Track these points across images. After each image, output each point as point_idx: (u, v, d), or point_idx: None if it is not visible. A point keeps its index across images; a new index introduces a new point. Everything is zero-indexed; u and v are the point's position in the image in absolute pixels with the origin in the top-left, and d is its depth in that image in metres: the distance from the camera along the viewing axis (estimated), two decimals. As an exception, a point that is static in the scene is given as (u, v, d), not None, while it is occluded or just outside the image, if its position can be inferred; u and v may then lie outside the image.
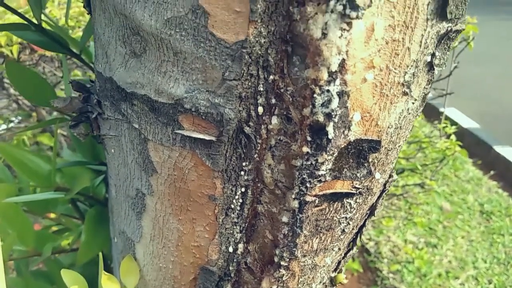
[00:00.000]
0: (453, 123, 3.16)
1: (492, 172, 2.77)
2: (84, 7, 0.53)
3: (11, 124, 1.65)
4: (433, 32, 0.30)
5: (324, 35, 0.27)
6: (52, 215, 0.89)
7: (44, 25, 0.63)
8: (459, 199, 2.59)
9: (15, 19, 1.65)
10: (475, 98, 3.58)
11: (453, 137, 1.49)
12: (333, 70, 0.28)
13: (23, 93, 0.65)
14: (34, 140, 1.35)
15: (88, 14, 0.48)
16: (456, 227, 2.34)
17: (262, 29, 0.29)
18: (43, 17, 0.62)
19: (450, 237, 2.25)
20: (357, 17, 0.26)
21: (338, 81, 0.28)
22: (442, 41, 0.30)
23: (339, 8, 0.26)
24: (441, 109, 2.40)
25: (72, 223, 0.89)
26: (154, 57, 0.34)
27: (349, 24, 0.26)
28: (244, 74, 0.31)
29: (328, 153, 0.31)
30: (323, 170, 0.32)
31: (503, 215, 2.46)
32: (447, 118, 3.12)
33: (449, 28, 0.30)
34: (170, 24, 0.31)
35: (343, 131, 0.31)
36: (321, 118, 0.30)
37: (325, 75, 0.28)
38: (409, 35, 0.29)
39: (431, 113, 3.13)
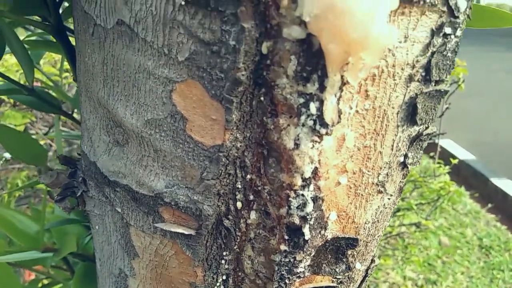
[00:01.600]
0: (449, 154, 3.17)
1: (490, 205, 2.76)
2: (74, 80, 0.54)
3: (4, 158, 1.65)
4: (404, 136, 0.30)
5: (297, 145, 0.28)
6: (42, 268, 0.88)
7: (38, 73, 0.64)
8: (457, 233, 2.57)
9: (13, 62, 1.68)
10: (470, 129, 3.61)
11: (447, 176, 1.49)
12: (307, 177, 0.29)
13: (15, 154, 0.66)
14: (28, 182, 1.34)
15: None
16: (455, 262, 2.31)
17: (238, 135, 0.30)
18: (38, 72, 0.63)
19: (449, 273, 2.22)
20: (327, 134, 0.27)
21: (312, 187, 0.29)
22: (414, 143, 0.31)
23: (310, 123, 0.27)
24: (436, 141, 2.43)
25: (62, 275, 0.88)
26: (135, 150, 0.35)
27: (320, 136, 0.27)
28: (222, 173, 0.31)
29: (305, 252, 0.31)
30: (301, 267, 0.32)
31: (503, 250, 2.43)
32: (442, 150, 3.13)
33: (420, 131, 0.31)
34: (150, 124, 0.32)
35: (320, 231, 0.31)
36: (296, 220, 0.30)
37: (299, 181, 0.29)
38: (381, 141, 0.30)
39: (427, 145, 3.14)
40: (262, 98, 0.28)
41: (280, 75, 0.26)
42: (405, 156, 0.31)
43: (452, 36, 0.27)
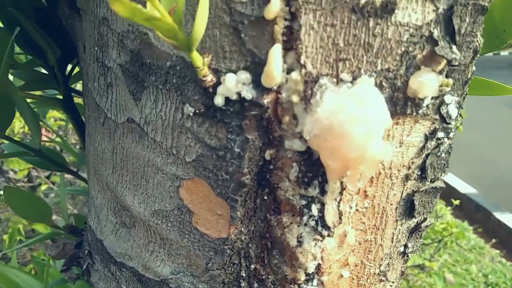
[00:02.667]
0: (450, 188, 3.16)
1: (493, 240, 2.73)
2: (80, 148, 0.56)
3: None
4: (404, 228, 0.31)
5: (300, 243, 0.29)
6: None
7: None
8: (462, 270, 2.53)
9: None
10: (471, 163, 3.61)
11: (450, 217, 1.49)
12: (310, 272, 0.29)
13: (21, 214, 0.67)
14: (30, 227, 1.34)
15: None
16: (461, 301, 2.26)
17: (242, 229, 0.31)
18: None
19: (455, 313, 2.17)
20: (329, 235, 0.28)
21: (315, 282, 0.30)
22: (413, 234, 0.32)
23: (312, 223, 0.28)
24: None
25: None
26: (142, 234, 0.36)
27: (322, 237, 0.28)
28: (227, 263, 0.32)
29: None
30: None
31: (509, 287, 2.39)
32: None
33: (418, 222, 0.32)
34: (158, 215, 0.33)
35: (323, 322, 0.31)
36: (300, 312, 0.31)
37: (302, 277, 0.30)
38: (381, 235, 0.31)
39: (428, 178, 3.14)
40: (265, 197, 0.29)
41: (283, 179, 0.28)
42: (405, 246, 0.32)
43: (445, 139, 0.29)
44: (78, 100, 0.71)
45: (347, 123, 0.23)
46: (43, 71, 0.53)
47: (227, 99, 0.26)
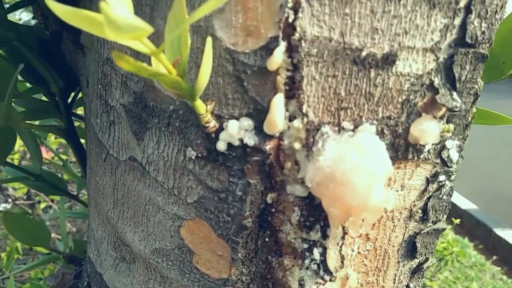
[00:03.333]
0: (451, 204, 3.15)
1: (494, 257, 2.71)
2: (81, 176, 0.56)
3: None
4: (405, 269, 0.31)
5: (301, 286, 0.29)
6: None
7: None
8: (463, 287, 2.50)
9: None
10: (470, 179, 3.61)
11: (450, 235, 1.48)
12: (311, 315, 0.29)
13: (20, 239, 0.67)
14: (28, 245, 1.33)
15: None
16: (462, 320, 2.24)
17: (243, 269, 0.31)
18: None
19: (457, 332, 2.14)
20: (331, 280, 0.27)
21: (316, 324, 0.29)
22: (415, 274, 0.32)
23: (314, 267, 0.28)
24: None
25: None
26: (142, 271, 0.36)
27: (324, 280, 0.28)
28: (228, 303, 0.32)
29: None
30: None
31: (510, 306, 2.36)
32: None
33: (420, 262, 0.32)
34: (158, 253, 0.33)
35: None
36: None
37: (303, 319, 0.29)
38: (383, 276, 0.30)
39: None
40: (267, 239, 0.29)
41: (285, 222, 0.28)
42: (407, 286, 0.32)
43: (447, 182, 0.29)
44: (78, 123, 0.71)
45: (349, 172, 0.23)
46: (44, 97, 0.53)
47: (229, 145, 0.26)
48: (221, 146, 0.26)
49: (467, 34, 0.25)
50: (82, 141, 0.62)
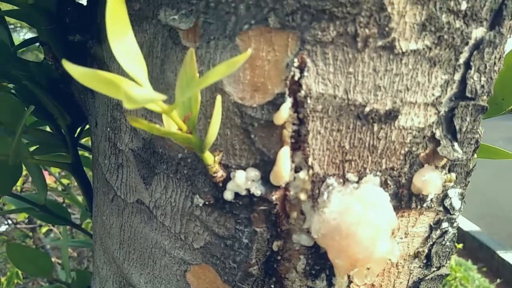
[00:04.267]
0: (454, 226, 3.12)
1: (498, 280, 2.68)
2: (86, 209, 0.56)
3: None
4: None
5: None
6: None
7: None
8: (468, 312, 2.46)
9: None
10: (473, 201, 3.59)
11: (454, 258, 1.47)
12: None
13: (23, 269, 0.67)
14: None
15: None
16: None
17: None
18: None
19: None
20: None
21: None
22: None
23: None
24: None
25: None
26: (147, 312, 0.36)
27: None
28: None
29: None
30: None
31: (516, 331, 2.32)
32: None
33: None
34: (164, 296, 0.33)
35: None
36: None
37: None
38: (388, 322, 0.31)
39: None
40: (272, 286, 0.29)
41: (290, 269, 0.28)
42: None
43: (450, 228, 0.29)
44: (82, 152, 0.72)
45: (355, 225, 0.24)
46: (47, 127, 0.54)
47: (236, 194, 0.27)
48: (228, 195, 0.27)
49: (467, 88, 0.26)
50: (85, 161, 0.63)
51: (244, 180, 0.26)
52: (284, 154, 0.25)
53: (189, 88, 0.22)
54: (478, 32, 0.25)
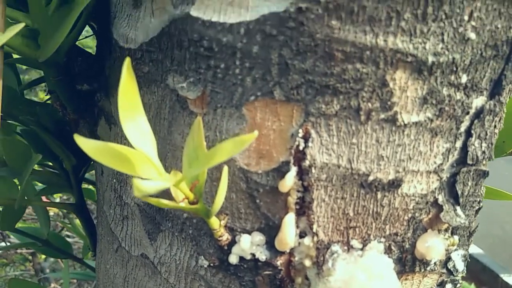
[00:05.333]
0: (456, 248, 3.09)
1: (503, 305, 2.63)
2: (89, 249, 0.56)
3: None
4: None
5: None
6: None
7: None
8: (472, 338, 2.42)
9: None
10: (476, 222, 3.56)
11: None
12: None
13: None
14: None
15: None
16: None
17: None
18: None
19: None
20: None
21: None
22: None
23: None
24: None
25: None
26: None
27: None
28: None
29: None
30: None
31: None
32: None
33: None
34: None
35: None
36: None
37: None
38: None
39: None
40: None
41: (294, 331, 0.28)
42: None
43: None
44: (86, 184, 0.73)
45: (359, 294, 0.24)
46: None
47: (241, 257, 0.27)
48: (233, 259, 0.27)
49: (468, 155, 0.26)
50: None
51: (249, 245, 0.26)
52: (289, 221, 0.25)
53: (196, 163, 0.22)
54: (478, 101, 0.26)
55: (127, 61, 0.20)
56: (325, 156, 0.24)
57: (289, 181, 0.25)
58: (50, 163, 0.52)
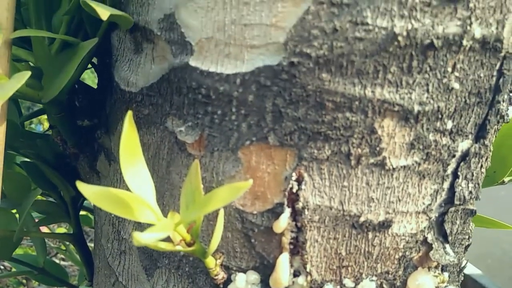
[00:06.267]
0: (454, 269, 3.07)
1: (503, 327, 2.60)
2: (87, 279, 0.57)
3: None
4: None
5: None
6: None
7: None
8: None
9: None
10: (474, 243, 3.55)
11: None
12: None
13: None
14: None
15: None
16: None
17: None
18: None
19: None
20: None
21: None
22: None
23: None
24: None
25: None
26: None
27: None
28: None
29: None
30: None
31: None
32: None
33: None
34: None
35: None
36: None
37: None
38: None
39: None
40: None
41: None
42: None
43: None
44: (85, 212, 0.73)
45: (351, 333, 0.24)
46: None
47: (237, 296, 0.27)
48: (229, 298, 0.27)
49: (455, 196, 0.27)
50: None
51: (245, 283, 0.27)
52: (283, 261, 0.26)
53: (193, 206, 0.23)
54: (464, 145, 0.27)
55: (129, 114, 0.21)
56: (318, 198, 0.25)
57: (283, 222, 0.25)
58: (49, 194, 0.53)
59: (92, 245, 0.47)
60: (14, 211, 0.50)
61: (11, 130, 0.46)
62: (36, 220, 0.55)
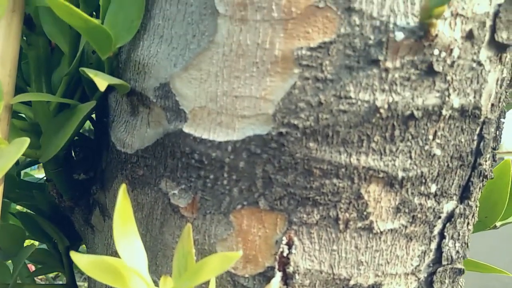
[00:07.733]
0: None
1: None
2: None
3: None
4: None
5: None
6: None
7: None
8: None
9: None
10: (474, 275, 3.49)
11: None
12: None
13: None
14: None
15: None
16: None
17: None
18: None
19: None
20: None
21: None
22: None
23: None
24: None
25: None
26: None
27: None
28: None
29: None
30: None
31: None
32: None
33: None
34: None
35: None
36: None
37: None
38: None
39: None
40: None
41: None
42: None
43: None
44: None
45: None
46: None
47: None
48: None
49: (443, 256, 0.28)
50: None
51: None
52: (275, 325, 0.26)
53: (185, 275, 0.23)
54: (449, 206, 0.28)
55: (123, 187, 0.22)
56: (308, 262, 0.26)
57: (275, 286, 0.26)
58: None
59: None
60: (8, 262, 0.49)
61: (8, 181, 0.46)
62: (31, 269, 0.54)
